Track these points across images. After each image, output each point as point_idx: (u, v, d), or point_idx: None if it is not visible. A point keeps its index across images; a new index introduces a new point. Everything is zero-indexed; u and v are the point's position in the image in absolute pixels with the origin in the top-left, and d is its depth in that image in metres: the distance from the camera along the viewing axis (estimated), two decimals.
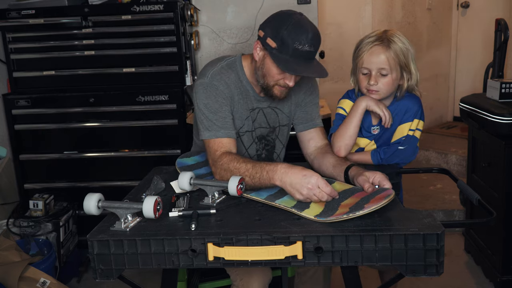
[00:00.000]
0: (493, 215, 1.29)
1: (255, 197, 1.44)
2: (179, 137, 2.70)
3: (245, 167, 1.49)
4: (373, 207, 1.25)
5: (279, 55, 1.54)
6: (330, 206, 1.34)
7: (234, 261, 1.20)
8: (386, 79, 1.67)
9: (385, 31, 1.70)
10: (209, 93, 1.64)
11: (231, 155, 1.57)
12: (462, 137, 4.03)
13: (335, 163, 1.63)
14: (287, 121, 1.83)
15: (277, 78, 1.60)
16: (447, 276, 2.50)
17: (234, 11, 3.10)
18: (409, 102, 1.74)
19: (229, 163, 1.53)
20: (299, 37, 1.51)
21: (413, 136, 1.73)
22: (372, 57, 1.66)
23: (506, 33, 2.60)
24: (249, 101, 1.73)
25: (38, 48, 2.73)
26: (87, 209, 1.27)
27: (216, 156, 1.59)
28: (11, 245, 2.31)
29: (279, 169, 1.42)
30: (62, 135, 2.74)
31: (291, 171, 1.40)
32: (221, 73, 1.68)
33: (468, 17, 4.41)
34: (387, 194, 1.33)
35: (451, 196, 3.28)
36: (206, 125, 1.64)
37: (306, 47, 1.52)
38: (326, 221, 1.25)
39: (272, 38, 1.54)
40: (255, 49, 1.63)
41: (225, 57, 1.76)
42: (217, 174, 1.57)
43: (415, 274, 1.18)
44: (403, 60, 1.67)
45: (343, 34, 3.92)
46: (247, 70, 1.72)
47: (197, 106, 1.67)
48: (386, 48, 1.65)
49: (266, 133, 1.80)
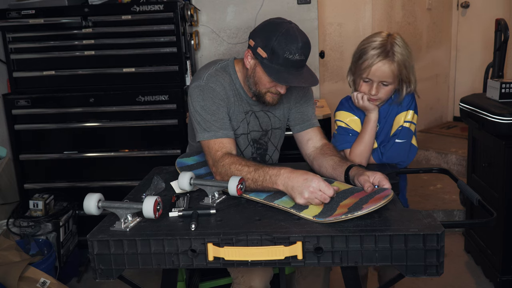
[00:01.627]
0: (493, 216, 1.29)
1: (254, 198, 1.44)
2: (179, 137, 2.70)
3: (247, 170, 1.48)
4: (371, 207, 1.25)
5: (270, 64, 1.55)
6: (329, 206, 1.34)
7: (234, 261, 1.20)
8: (387, 88, 1.73)
9: (387, 39, 1.70)
10: (206, 95, 1.64)
11: (232, 157, 1.56)
12: (462, 137, 4.04)
13: (335, 164, 1.63)
14: (280, 124, 1.84)
15: (268, 86, 1.62)
16: (447, 276, 2.50)
17: (234, 11, 3.10)
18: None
19: (230, 165, 1.52)
20: (289, 46, 1.52)
21: (408, 128, 1.77)
22: (377, 72, 1.69)
23: (506, 33, 2.60)
24: (243, 104, 1.74)
25: (38, 48, 2.73)
26: (87, 209, 1.27)
27: (217, 156, 1.58)
28: (11, 245, 2.31)
29: (282, 173, 1.42)
30: (62, 135, 2.74)
31: (293, 175, 1.40)
32: (217, 75, 1.68)
33: (468, 17, 4.41)
34: (386, 194, 1.33)
35: (451, 196, 3.28)
36: (204, 126, 1.64)
37: (297, 56, 1.53)
38: (324, 221, 1.25)
39: (263, 48, 1.55)
40: (246, 58, 1.64)
41: (218, 60, 1.77)
42: (217, 175, 1.57)
43: (415, 275, 1.18)
44: (405, 73, 1.72)
45: (343, 34, 3.92)
46: (239, 74, 1.73)
47: (194, 109, 1.66)
48: (391, 62, 1.68)
49: (259, 136, 1.81)
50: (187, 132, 1.95)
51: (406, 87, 1.75)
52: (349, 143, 1.80)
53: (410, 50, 1.72)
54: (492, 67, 2.73)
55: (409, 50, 1.72)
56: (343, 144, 1.81)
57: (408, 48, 1.72)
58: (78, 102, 2.70)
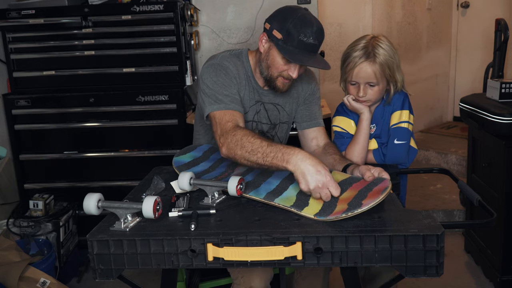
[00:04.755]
0: (493, 216, 1.29)
1: (254, 197, 1.43)
2: (179, 137, 2.70)
3: (260, 143, 1.42)
4: (370, 204, 1.25)
5: (284, 46, 1.58)
6: (328, 202, 1.34)
7: (233, 262, 1.20)
8: (374, 89, 1.76)
9: (370, 41, 1.75)
10: (219, 72, 1.66)
11: (245, 129, 1.51)
12: (462, 137, 4.04)
13: (335, 162, 1.65)
14: (288, 118, 1.86)
15: (281, 69, 1.64)
16: (447, 276, 2.50)
17: (234, 11, 3.10)
18: (395, 94, 1.83)
19: (242, 137, 1.46)
20: (304, 29, 1.55)
21: (407, 129, 1.79)
22: (360, 73, 1.74)
23: (506, 33, 2.60)
24: (253, 92, 1.76)
25: (38, 48, 2.73)
26: (87, 209, 1.27)
27: (227, 127, 1.52)
28: (11, 245, 2.31)
29: (297, 153, 1.36)
30: (62, 135, 2.74)
31: (308, 160, 1.33)
32: (231, 58, 1.72)
33: (468, 17, 4.41)
34: (384, 186, 1.33)
35: (451, 196, 3.28)
36: (215, 99, 1.61)
37: (311, 39, 1.56)
38: (326, 220, 1.25)
39: (278, 30, 1.58)
40: (260, 41, 1.67)
41: (232, 49, 1.81)
42: (225, 145, 1.50)
43: (415, 275, 1.17)
44: (388, 73, 1.75)
45: (343, 34, 3.92)
46: (252, 63, 1.76)
47: (205, 84, 1.65)
48: (372, 63, 1.72)
49: (267, 129, 1.83)
50: (187, 132, 1.95)
51: (393, 87, 1.79)
52: (345, 146, 1.83)
53: (395, 51, 1.77)
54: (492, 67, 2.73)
55: (394, 50, 1.76)
56: (340, 147, 1.83)
57: (393, 49, 1.76)
58: (78, 102, 2.70)
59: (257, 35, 3.10)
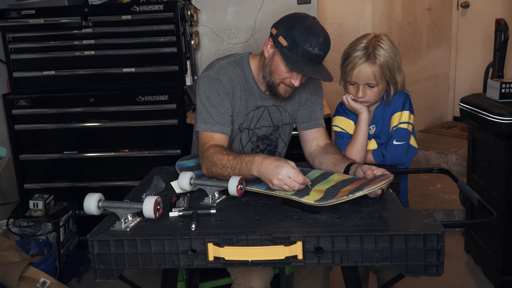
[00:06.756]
0: (493, 216, 1.29)
1: (255, 189, 1.46)
2: (179, 137, 2.70)
3: (227, 158, 1.54)
4: (372, 187, 1.26)
5: (289, 54, 1.57)
6: (330, 192, 1.37)
7: (234, 261, 1.20)
8: (374, 90, 1.76)
9: (371, 41, 1.74)
10: (212, 86, 1.67)
11: (217, 147, 1.60)
12: (462, 137, 4.04)
13: (337, 161, 1.65)
14: (290, 119, 1.86)
15: (283, 77, 1.63)
16: (447, 276, 2.50)
17: (234, 11, 3.10)
18: (396, 95, 1.82)
19: (213, 155, 1.57)
20: (310, 39, 1.54)
21: (406, 129, 1.78)
22: (359, 74, 1.73)
23: (506, 33, 2.60)
24: (253, 98, 1.75)
25: (38, 48, 2.73)
26: (87, 209, 1.27)
27: (204, 148, 1.63)
28: (11, 245, 2.31)
29: (255, 160, 1.47)
30: (62, 135, 2.74)
31: (265, 162, 1.45)
32: (227, 68, 1.71)
33: (468, 17, 4.41)
34: (386, 176, 1.36)
35: (451, 196, 3.28)
36: (204, 117, 1.68)
37: (316, 50, 1.56)
38: (326, 204, 1.27)
39: (284, 37, 1.58)
40: (265, 46, 1.66)
41: (234, 54, 1.80)
42: (203, 166, 1.61)
43: (415, 275, 1.18)
44: (388, 74, 1.73)
45: (343, 34, 3.91)
46: (254, 68, 1.75)
47: (199, 97, 1.70)
48: (372, 64, 1.71)
49: (270, 132, 1.83)
50: (187, 132, 1.95)
51: (393, 88, 1.78)
52: (345, 146, 1.83)
53: (396, 51, 1.75)
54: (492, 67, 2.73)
55: (395, 51, 1.74)
56: (340, 147, 1.84)
57: (394, 49, 1.75)
58: (78, 102, 2.70)
59: (257, 35, 3.10)
